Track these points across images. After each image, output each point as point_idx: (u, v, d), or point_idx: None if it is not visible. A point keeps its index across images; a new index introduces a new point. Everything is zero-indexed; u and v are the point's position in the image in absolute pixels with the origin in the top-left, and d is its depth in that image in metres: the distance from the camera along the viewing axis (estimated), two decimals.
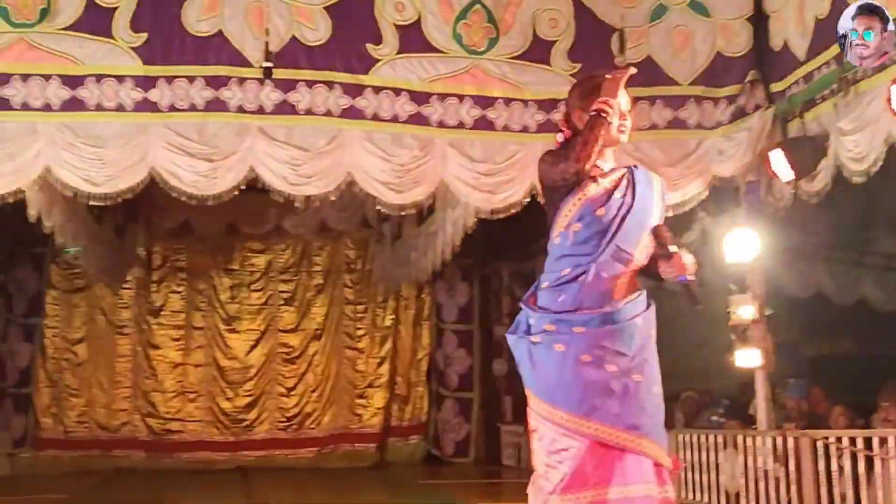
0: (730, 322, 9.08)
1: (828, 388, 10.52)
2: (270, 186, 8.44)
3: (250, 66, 8.22)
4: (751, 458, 8.59)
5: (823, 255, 13.15)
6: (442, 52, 8.61)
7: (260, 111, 8.28)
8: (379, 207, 8.97)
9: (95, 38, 8.07)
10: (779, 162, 8.14)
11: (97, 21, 8.07)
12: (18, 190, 8.19)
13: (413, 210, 9.41)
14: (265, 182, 8.42)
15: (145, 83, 8.12)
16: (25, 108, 7.97)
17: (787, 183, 8.32)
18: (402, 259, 13.77)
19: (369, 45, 8.48)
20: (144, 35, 8.14)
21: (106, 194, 8.28)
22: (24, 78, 7.97)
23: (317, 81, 8.38)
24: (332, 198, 8.87)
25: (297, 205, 8.98)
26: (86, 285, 15.32)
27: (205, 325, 15.87)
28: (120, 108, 8.10)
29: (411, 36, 8.55)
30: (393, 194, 8.59)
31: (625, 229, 3.72)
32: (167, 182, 8.24)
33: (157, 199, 11.47)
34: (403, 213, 9.48)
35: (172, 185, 8.26)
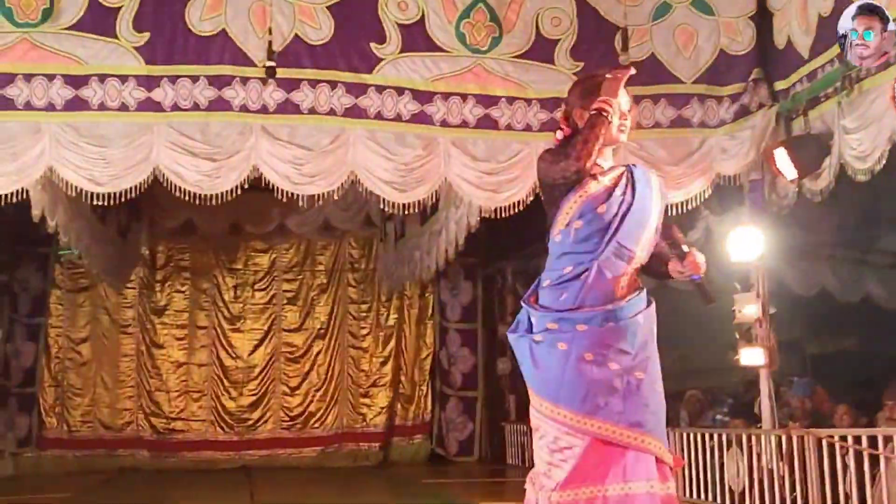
0: (734, 320, 9.07)
1: (832, 386, 10.52)
2: (274, 186, 8.44)
3: (253, 65, 8.22)
4: (755, 456, 8.58)
5: (827, 253, 13.15)
6: (445, 50, 8.60)
7: (263, 110, 8.28)
8: (382, 207, 8.98)
9: (98, 37, 8.08)
10: (782, 160, 8.13)
11: (100, 21, 8.07)
12: (22, 189, 8.20)
13: (416, 209, 9.41)
14: (268, 181, 8.43)
15: (148, 83, 8.13)
16: (29, 107, 7.98)
17: (791, 181, 8.31)
18: (406, 258, 13.77)
19: (372, 44, 8.48)
20: (147, 35, 8.14)
21: (109, 194, 8.29)
22: (28, 78, 7.98)
23: (320, 80, 8.38)
24: (336, 197, 8.88)
25: (300, 204, 8.97)
26: (90, 285, 15.33)
27: (208, 324, 15.88)
28: (123, 108, 8.10)
29: (414, 35, 8.55)
30: (396, 193, 8.58)
31: (626, 226, 3.72)
32: (170, 181, 8.25)
33: (161, 198, 11.49)
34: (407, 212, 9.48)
35: (176, 185, 8.27)
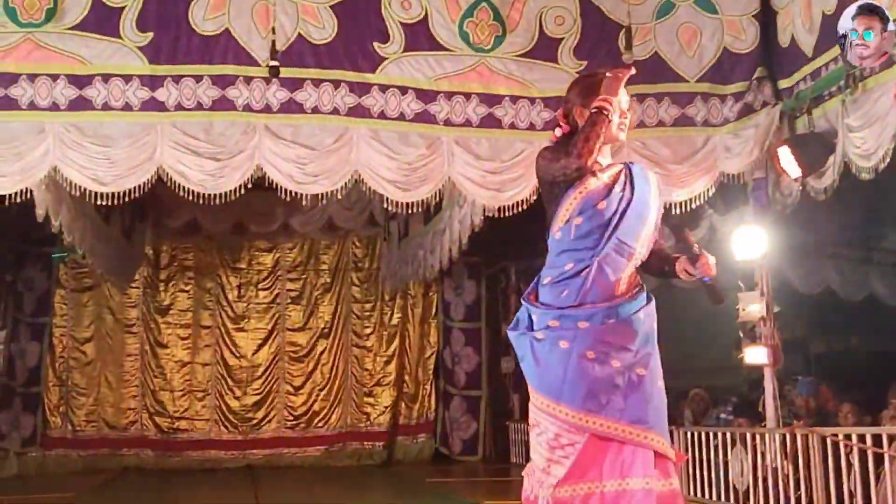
0: (738, 319, 9.07)
1: (836, 384, 10.52)
2: (277, 185, 8.45)
3: (257, 64, 8.21)
4: (759, 455, 8.57)
5: (831, 251, 13.16)
6: (448, 50, 8.60)
7: (266, 110, 8.29)
8: (386, 206, 8.98)
9: (102, 37, 8.08)
10: (786, 159, 8.13)
11: (104, 20, 8.08)
12: (26, 189, 8.21)
13: (420, 208, 9.40)
14: (272, 181, 8.43)
15: (152, 82, 8.13)
16: (33, 107, 7.99)
17: (795, 180, 8.31)
18: (410, 257, 13.77)
19: (376, 44, 8.47)
20: (151, 34, 8.14)
21: (113, 193, 8.30)
22: (32, 78, 7.99)
23: (323, 80, 8.38)
24: (339, 196, 8.87)
25: (304, 203, 8.97)
26: (94, 284, 15.35)
27: (212, 323, 15.89)
28: (127, 108, 8.11)
29: (418, 34, 8.55)
30: (399, 192, 8.58)
31: (625, 223, 3.74)
32: (174, 181, 8.25)
33: (165, 198, 11.50)
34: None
35: (179, 184, 8.28)
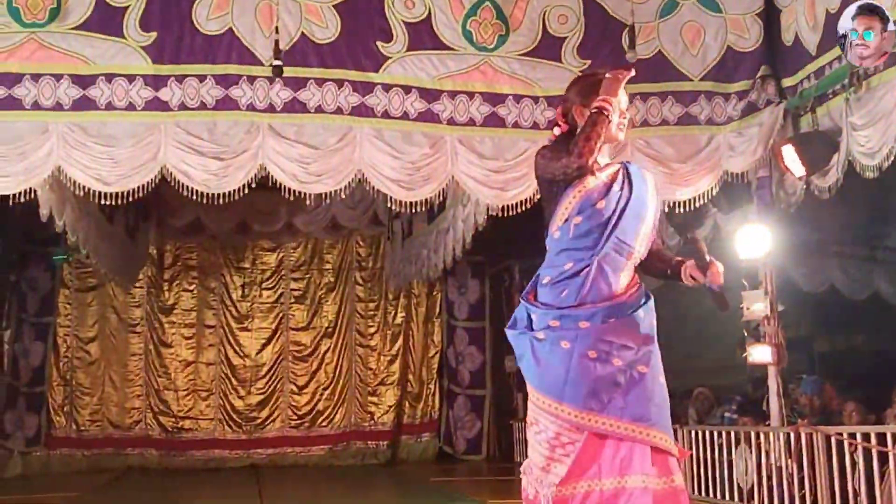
0: (742, 318, 9.06)
1: (840, 383, 10.50)
2: (281, 184, 8.45)
3: (260, 64, 8.21)
4: (764, 454, 8.56)
5: (835, 250, 13.13)
6: (452, 49, 8.59)
7: (270, 109, 8.28)
8: (389, 205, 8.97)
9: (106, 37, 8.08)
10: (790, 157, 8.11)
11: (107, 20, 8.07)
12: (30, 189, 8.22)
13: (423, 207, 9.40)
14: (276, 180, 8.43)
15: (155, 82, 8.13)
16: (36, 107, 7.98)
17: (799, 178, 8.30)
18: (413, 256, 13.77)
19: (379, 43, 8.47)
20: (154, 34, 8.14)
21: (117, 193, 8.29)
22: (35, 78, 7.98)
23: (327, 79, 8.37)
24: (343, 195, 8.87)
25: (307, 203, 8.97)
26: (98, 284, 15.37)
27: (216, 323, 15.92)
28: (130, 108, 8.10)
29: (421, 33, 8.54)
30: (403, 192, 8.57)
31: (624, 222, 3.76)
32: (178, 181, 8.26)
33: (168, 197, 11.51)
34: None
35: (183, 184, 8.28)
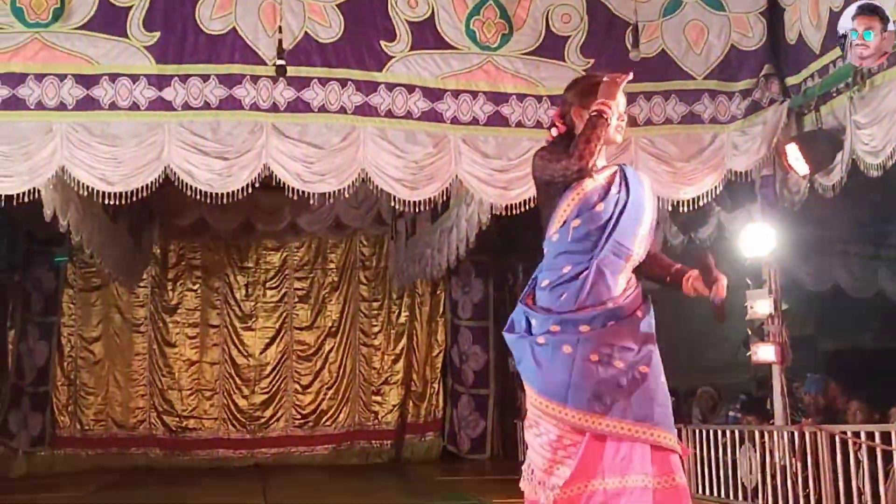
0: (746, 317, 9.05)
1: (845, 382, 10.49)
2: (285, 184, 8.45)
3: (264, 63, 8.21)
4: (768, 453, 8.56)
5: (840, 248, 13.13)
6: (455, 48, 8.59)
7: (273, 109, 8.28)
8: (393, 204, 8.97)
9: (109, 37, 8.09)
10: (794, 156, 8.11)
11: (111, 20, 8.08)
12: (34, 189, 8.22)
13: (427, 206, 9.40)
14: (279, 180, 8.44)
15: (159, 82, 8.13)
16: (40, 107, 7.99)
17: (803, 177, 8.29)
18: (417, 256, 13.76)
19: (382, 42, 8.47)
20: (158, 34, 8.14)
21: (121, 193, 8.30)
22: (39, 78, 7.99)
23: (330, 79, 8.37)
24: (347, 195, 8.87)
25: (311, 202, 8.97)
26: (102, 284, 15.37)
27: (220, 322, 15.92)
28: (134, 107, 8.11)
29: (424, 32, 8.54)
30: (407, 191, 8.57)
31: (622, 224, 3.77)
32: (182, 180, 8.26)
33: (172, 197, 11.51)
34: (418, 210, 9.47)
35: (187, 184, 8.29)
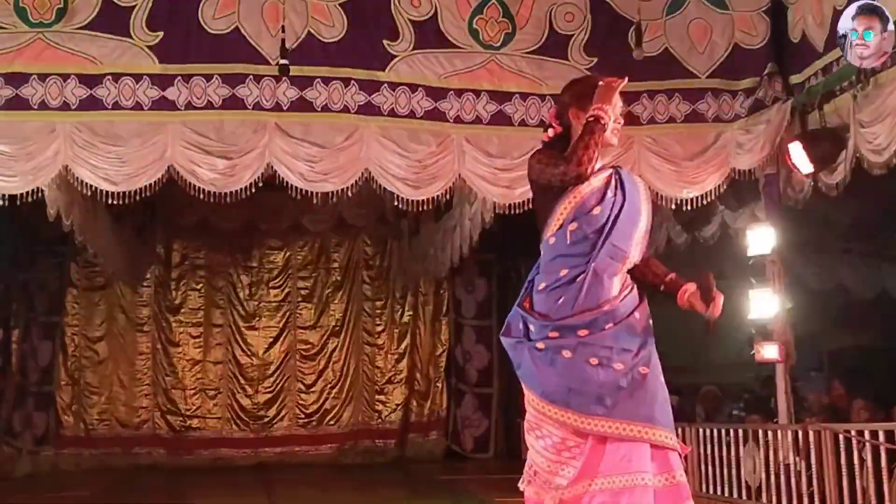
0: (750, 316, 9.04)
1: (849, 381, 10.47)
2: (288, 183, 8.45)
3: (267, 63, 8.22)
4: (772, 452, 8.55)
5: (843, 247, 13.10)
6: (458, 47, 8.59)
7: (277, 108, 8.30)
8: (396, 203, 8.97)
9: (112, 37, 8.11)
10: (798, 154, 8.10)
11: (114, 20, 8.10)
12: (38, 189, 8.23)
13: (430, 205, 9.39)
14: (283, 179, 8.44)
15: (162, 82, 8.15)
16: (44, 107, 8.02)
17: (807, 175, 8.28)
18: (420, 255, 13.76)
19: (386, 42, 8.48)
20: (161, 34, 8.16)
21: (125, 193, 8.32)
22: (42, 78, 8.01)
23: (333, 78, 8.38)
24: (350, 194, 8.87)
25: (314, 202, 8.97)
26: (105, 283, 15.37)
27: (224, 322, 15.91)
28: (137, 107, 8.13)
29: (427, 32, 8.55)
30: (410, 190, 8.58)
31: (618, 227, 3.78)
32: (185, 180, 8.27)
33: (176, 197, 11.51)
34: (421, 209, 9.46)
35: (191, 183, 8.29)
